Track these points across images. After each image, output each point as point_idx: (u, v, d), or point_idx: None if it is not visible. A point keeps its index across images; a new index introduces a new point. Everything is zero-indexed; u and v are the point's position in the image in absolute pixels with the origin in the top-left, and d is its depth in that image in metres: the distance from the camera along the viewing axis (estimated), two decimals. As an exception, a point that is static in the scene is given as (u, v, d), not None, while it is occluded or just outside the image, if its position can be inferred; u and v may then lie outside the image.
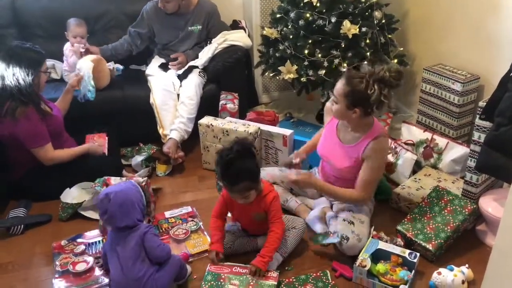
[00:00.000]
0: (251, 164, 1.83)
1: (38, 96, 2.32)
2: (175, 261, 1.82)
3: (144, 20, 2.99)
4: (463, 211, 2.06)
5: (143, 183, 2.15)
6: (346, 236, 1.95)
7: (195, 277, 1.92)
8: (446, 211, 2.08)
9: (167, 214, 2.30)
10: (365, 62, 2.50)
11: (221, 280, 1.85)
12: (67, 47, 2.88)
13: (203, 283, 1.85)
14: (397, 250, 1.91)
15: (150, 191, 2.28)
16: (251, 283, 1.83)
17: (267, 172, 2.32)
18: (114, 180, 2.22)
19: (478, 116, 1.98)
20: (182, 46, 3.01)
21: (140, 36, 3.03)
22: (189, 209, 2.34)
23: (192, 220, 2.25)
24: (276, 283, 1.83)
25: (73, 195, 2.33)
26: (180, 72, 2.90)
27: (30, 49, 2.32)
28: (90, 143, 2.52)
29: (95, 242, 2.11)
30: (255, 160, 1.87)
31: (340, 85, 1.91)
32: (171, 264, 1.79)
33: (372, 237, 1.99)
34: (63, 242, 2.11)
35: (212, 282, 1.84)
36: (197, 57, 2.96)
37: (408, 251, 1.91)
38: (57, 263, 1.98)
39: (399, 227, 2.07)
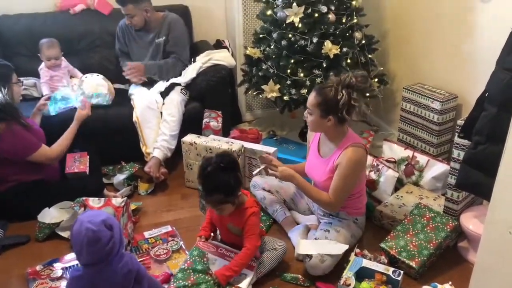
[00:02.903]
0: (228, 178, 1.84)
1: (16, 110, 2.30)
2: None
3: (120, 38, 3.06)
4: (445, 228, 2.08)
5: (122, 204, 2.13)
6: (309, 255, 1.94)
7: None
8: (428, 228, 2.10)
9: (147, 234, 2.26)
10: (331, 73, 2.60)
11: (205, 259, 1.93)
12: (41, 67, 2.87)
13: (188, 256, 1.94)
14: (381, 268, 1.91)
15: (129, 211, 2.25)
16: None
17: (265, 181, 2.33)
18: (92, 201, 2.17)
19: (457, 134, 2.03)
20: (154, 60, 3.03)
21: (126, 54, 3.05)
22: (169, 228, 2.31)
23: (172, 240, 2.22)
24: None
25: (51, 215, 2.28)
26: (161, 90, 2.89)
27: None
28: (76, 117, 2.55)
29: (73, 265, 2.04)
30: (234, 175, 1.87)
31: (312, 97, 2.00)
32: None
33: (355, 255, 1.99)
34: (38, 267, 2.03)
35: (196, 258, 1.93)
36: (180, 74, 2.97)
37: (392, 269, 1.91)
38: (33, 289, 1.91)
39: (382, 245, 2.08)
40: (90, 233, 1.46)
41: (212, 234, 2.10)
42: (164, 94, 2.89)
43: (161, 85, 2.93)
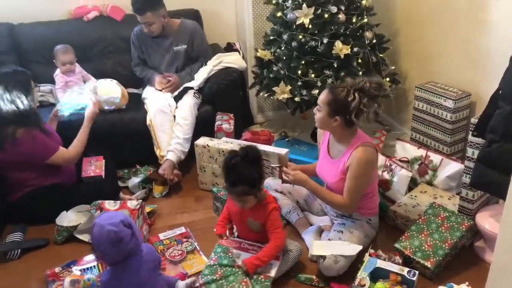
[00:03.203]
0: (252, 170, 1.89)
1: (38, 116, 2.36)
2: None
3: (136, 45, 3.07)
4: (460, 227, 2.07)
5: (138, 207, 2.16)
6: (323, 256, 1.95)
7: None
8: (443, 228, 2.09)
9: (161, 236, 2.29)
10: (343, 74, 2.62)
11: (230, 254, 1.98)
12: (57, 74, 2.92)
13: (213, 254, 1.98)
14: (395, 268, 1.91)
15: (144, 214, 2.29)
16: (245, 280, 1.87)
17: (278, 182, 2.35)
18: (108, 204, 2.21)
19: (470, 132, 2.01)
20: (171, 67, 3.06)
21: (143, 60, 3.09)
22: (183, 229, 2.34)
23: (187, 241, 2.25)
24: (271, 280, 1.88)
25: (69, 218, 2.33)
26: (175, 94, 2.93)
27: (15, 72, 2.35)
28: (86, 115, 2.58)
29: (91, 267, 2.09)
30: (258, 167, 1.92)
31: (323, 94, 2.02)
32: None
33: (370, 255, 1.98)
34: (57, 269, 2.07)
35: (221, 254, 1.98)
36: (192, 78, 3.00)
37: (406, 269, 1.90)
38: (53, 290, 1.95)
39: (397, 245, 2.07)
40: (112, 234, 1.55)
41: (227, 231, 2.13)
42: (178, 98, 2.92)
43: (175, 89, 2.97)
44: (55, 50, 2.91)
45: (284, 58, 2.82)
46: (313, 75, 2.71)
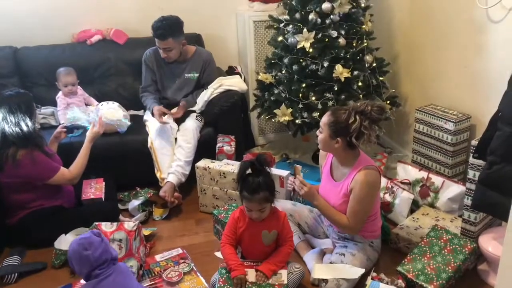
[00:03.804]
0: (268, 177, 1.92)
1: (42, 138, 2.37)
2: None
3: (149, 67, 3.06)
4: (464, 250, 2.04)
5: (134, 228, 2.15)
6: (325, 279, 1.93)
7: None
8: (446, 250, 2.06)
9: (158, 257, 2.28)
10: (351, 101, 2.64)
11: None
12: (59, 96, 2.95)
13: (219, 276, 1.92)
14: (398, 292, 1.88)
15: (141, 235, 2.27)
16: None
17: (279, 205, 2.33)
18: (105, 226, 2.19)
19: (471, 154, 2.01)
20: (179, 92, 3.08)
21: (155, 82, 3.09)
22: (179, 250, 2.32)
23: (183, 262, 2.23)
24: (286, 283, 1.88)
25: (67, 241, 2.29)
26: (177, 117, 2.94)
27: (18, 93, 2.37)
28: (88, 135, 2.57)
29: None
30: (270, 176, 1.95)
31: (325, 116, 2.05)
32: None
33: (372, 279, 1.95)
34: (52, 294, 2.04)
35: (228, 274, 1.91)
36: (195, 102, 3.02)
37: (409, 293, 1.87)
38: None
39: (399, 268, 2.05)
40: (83, 241, 1.71)
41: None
42: (180, 120, 2.94)
43: (177, 112, 2.99)
44: (57, 72, 2.94)
45: (285, 81, 2.85)
46: (313, 98, 2.73)
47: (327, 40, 2.69)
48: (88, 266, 1.69)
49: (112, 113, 2.81)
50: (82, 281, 2.10)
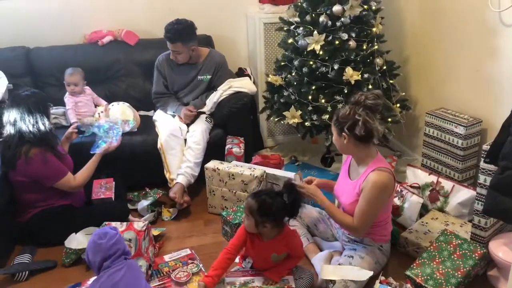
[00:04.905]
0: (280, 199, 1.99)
1: (56, 138, 2.39)
2: None
3: (161, 72, 3.09)
4: (473, 255, 2.03)
5: (144, 228, 2.16)
6: (333, 280, 1.94)
7: None
8: (455, 255, 2.05)
9: (167, 257, 2.29)
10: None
11: (242, 282, 1.99)
12: (66, 95, 2.97)
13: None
14: (407, 296, 1.87)
15: (150, 235, 2.29)
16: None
17: (304, 211, 2.36)
18: (114, 226, 2.21)
19: (482, 159, 1.99)
20: (191, 94, 3.09)
21: (166, 86, 3.10)
22: (188, 251, 2.33)
23: (192, 263, 2.24)
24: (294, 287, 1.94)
25: (77, 240, 2.32)
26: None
27: (34, 93, 2.39)
28: (104, 148, 2.60)
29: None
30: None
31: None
32: None
33: (380, 283, 1.95)
34: (62, 291, 2.06)
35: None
36: (204, 104, 3.03)
37: (418, 297, 1.86)
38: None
39: (408, 272, 2.04)
40: (99, 231, 1.83)
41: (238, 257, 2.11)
42: (190, 122, 2.95)
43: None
44: (65, 72, 2.97)
45: (295, 83, 2.85)
46: (323, 101, 2.73)
47: (337, 42, 2.69)
48: (101, 254, 1.75)
49: (121, 114, 2.84)
50: (92, 279, 2.13)
